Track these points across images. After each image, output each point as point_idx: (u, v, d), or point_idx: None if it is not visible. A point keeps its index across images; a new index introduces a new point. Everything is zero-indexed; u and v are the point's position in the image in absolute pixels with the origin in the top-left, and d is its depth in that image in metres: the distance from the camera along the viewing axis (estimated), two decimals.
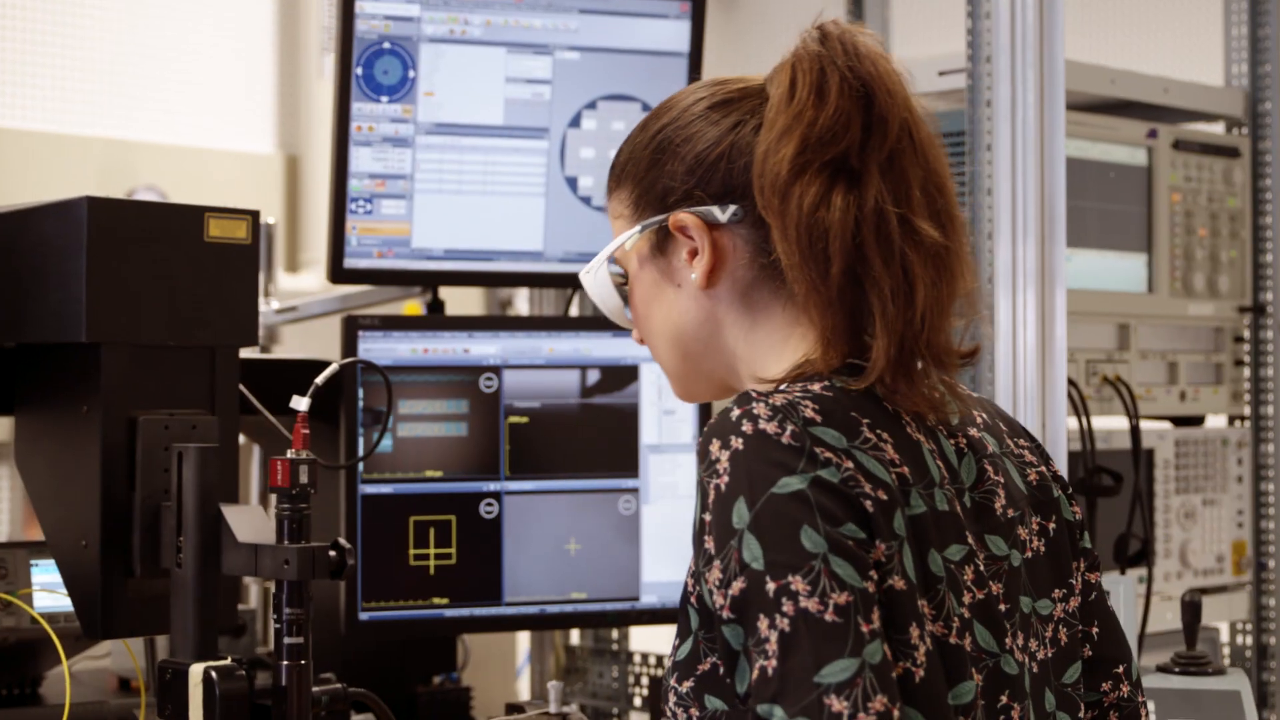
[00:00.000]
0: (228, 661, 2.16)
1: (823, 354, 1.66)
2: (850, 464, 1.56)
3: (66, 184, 2.25)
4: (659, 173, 1.76)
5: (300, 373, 2.85)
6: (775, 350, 1.71)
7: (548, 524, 2.81)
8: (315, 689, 2.20)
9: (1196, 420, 3.09)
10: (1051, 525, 1.76)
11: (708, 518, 1.56)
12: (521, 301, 5.72)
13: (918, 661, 1.55)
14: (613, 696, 3.18)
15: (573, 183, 2.89)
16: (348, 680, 2.21)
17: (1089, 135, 2.82)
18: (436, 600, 2.76)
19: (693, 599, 1.61)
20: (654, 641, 3.21)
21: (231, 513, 2.22)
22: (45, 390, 2.34)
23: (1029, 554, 1.72)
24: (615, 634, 3.19)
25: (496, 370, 2.79)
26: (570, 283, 2.97)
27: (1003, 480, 1.72)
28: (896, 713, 1.47)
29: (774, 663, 1.48)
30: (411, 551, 2.74)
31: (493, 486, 2.79)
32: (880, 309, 1.63)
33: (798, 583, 1.49)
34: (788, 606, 1.49)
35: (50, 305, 2.27)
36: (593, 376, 2.84)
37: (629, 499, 2.86)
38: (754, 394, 1.61)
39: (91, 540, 2.27)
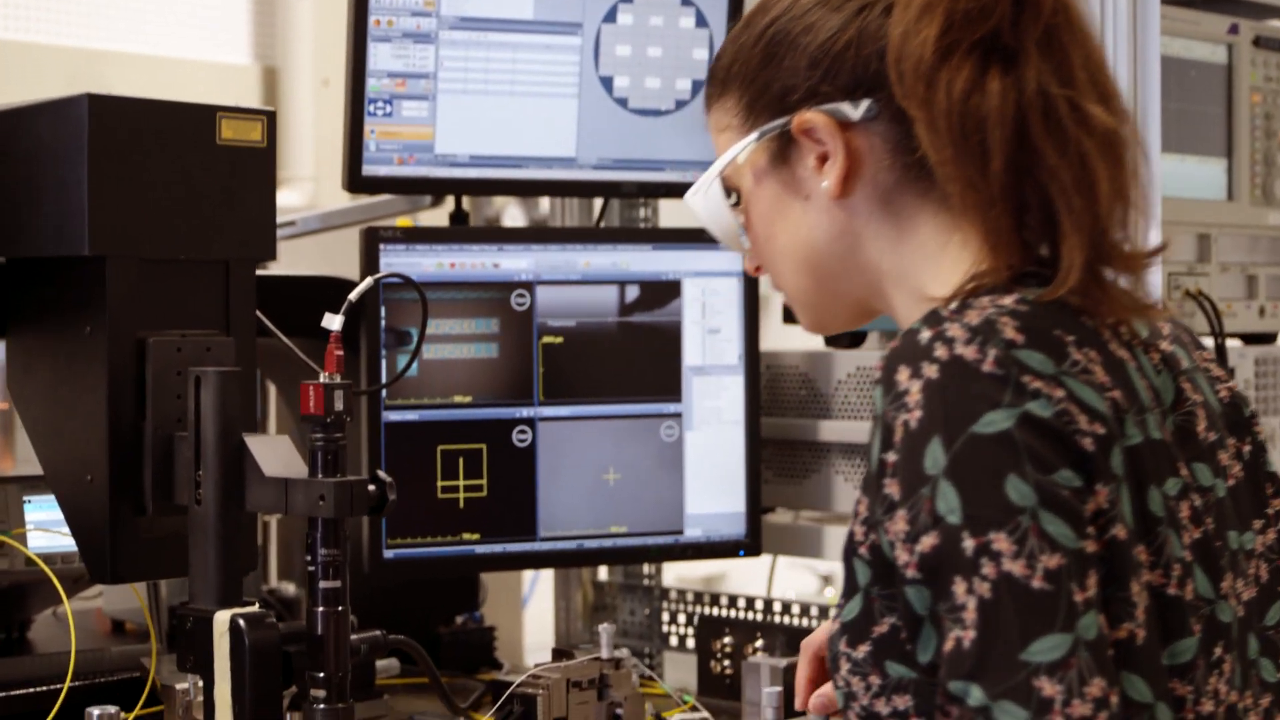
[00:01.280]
0: (256, 608, 1.98)
1: (992, 263, 1.47)
2: (1061, 393, 1.37)
3: (30, 95, 2.08)
4: (775, 71, 1.56)
5: (306, 290, 2.67)
6: (932, 262, 1.52)
7: (584, 453, 2.63)
8: (354, 637, 2.02)
9: (1270, 338, 2.92)
10: (1246, 448, 1.58)
11: (891, 458, 1.37)
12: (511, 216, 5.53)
13: (1138, 620, 1.37)
14: (644, 635, 3.00)
15: (608, 83, 2.69)
16: (363, 623, 2.03)
17: (1168, 30, 2.63)
18: (466, 536, 2.58)
19: (863, 550, 1.43)
20: (689, 576, 3.04)
21: (256, 444, 2.04)
22: (42, 309, 2.17)
23: (1231, 482, 1.54)
24: (647, 569, 3.02)
25: (529, 286, 2.60)
26: (603, 191, 2.78)
27: (1200, 399, 1.54)
28: (1115, 698, 1.29)
29: (972, 634, 1.30)
30: (439, 483, 2.56)
31: (525, 413, 2.60)
32: (1065, 204, 1.44)
33: (1001, 541, 1.31)
34: (988, 569, 1.31)
35: (48, 215, 2.11)
36: (632, 293, 2.66)
37: (671, 425, 2.68)
38: (944, 311, 1.42)
39: (98, 475, 2.10)
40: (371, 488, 1.99)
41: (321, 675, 1.99)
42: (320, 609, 2.00)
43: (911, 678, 1.41)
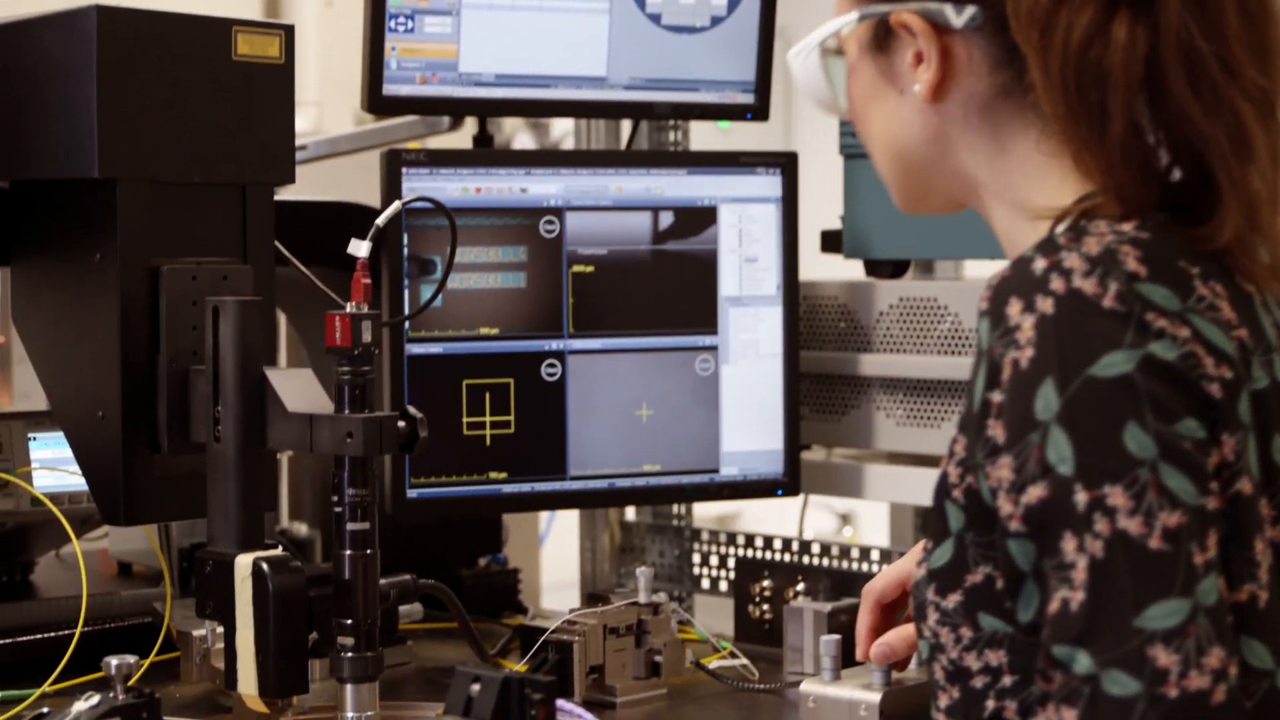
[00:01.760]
0: (279, 551, 1.88)
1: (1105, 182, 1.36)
2: (1186, 332, 1.27)
3: (35, 7, 1.96)
4: None
5: (322, 217, 2.56)
6: (1035, 179, 1.40)
7: (616, 387, 2.53)
8: (382, 581, 1.93)
9: None
10: None
11: (997, 398, 1.26)
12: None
13: (1261, 581, 1.27)
14: (673, 578, 2.91)
15: None
16: (382, 566, 1.93)
17: None
18: (493, 475, 2.48)
19: (957, 493, 1.33)
20: (704, 515, 2.94)
21: (278, 378, 1.94)
22: (49, 235, 2.09)
23: None
24: (677, 509, 2.92)
25: (558, 213, 2.49)
26: (635, 112, 2.66)
27: None
28: (1234, 669, 1.19)
29: (1081, 596, 1.21)
30: (465, 420, 2.45)
31: (555, 345, 2.50)
32: (1225, 172, 1.32)
33: (1117, 496, 1.21)
34: (1102, 525, 1.21)
35: (54, 136, 2.02)
36: (666, 219, 2.55)
37: (706, 358, 2.58)
38: (1060, 239, 1.31)
39: (110, 411, 2.01)
40: (401, 424, 1.90)
41: (349, 622, 1.90)
42: (348, 552, 1.90)
43: (1007, 632, 1.31)
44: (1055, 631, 1.21)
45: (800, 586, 2.45)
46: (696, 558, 2.88)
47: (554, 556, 3.72)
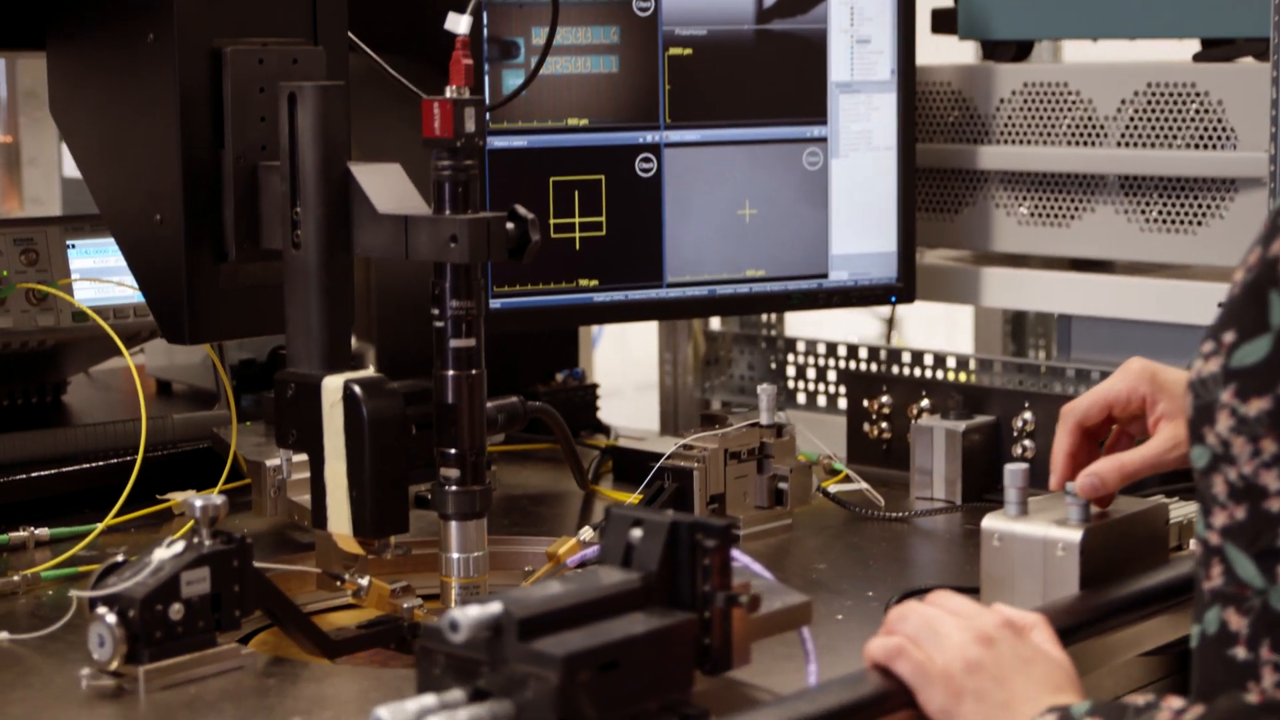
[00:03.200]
0: (371, 371, 1.67)
1: None
2: None
3: None
4: None
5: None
6: None
7: (717, 184, 2.31)
8: (490, 404, 1.72)
9: None
10: None
11: None
12: None
13: None
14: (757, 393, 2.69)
15: None
16: None
17: None
18: (583, 282, 2.26)
19: None
20: (813, 325, 2.73)
21: (365, 174, 1.72)
22: (93, 13, 1.88)
23: None
24: (766, 316, 2.70)
25: None
26: None
27: None
28: None
29: None
30: (551, 221, 2.23)
31: (650, 137, 2.27)
32: None
33: None
34: None
35: None
36: None
37: (815, 151, 2.35)
38: None
39: (169, 214, 1.81)
40: (509, 225, 1.67)
41: (453, 451, 1.69)
42: (450, 373, 1.69)
43: None
44: None
45: (925, 403, 2.25)
46: (791, 370, 2.67)
47: (602, 363, 3.51)
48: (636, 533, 1.34)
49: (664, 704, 1.29)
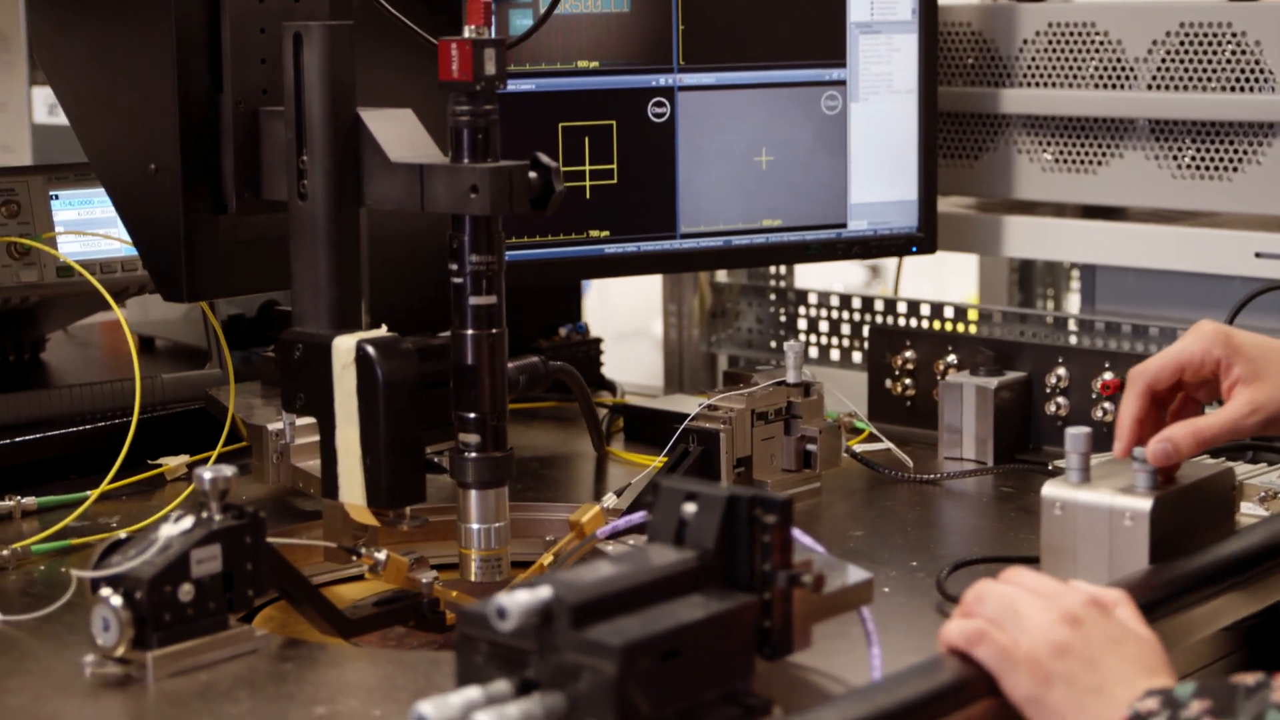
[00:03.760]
0: (384, 331, 1.57)
1: None
2: None
3: None
4: None
5: None
6: None
7: (733, 129, 2.21)
8: (511, 364, 1.62)
9: None
10: None
11: None
12: None
13: None
14: (766, 347, 2.59)
15: None
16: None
17: None
18: (594, 233, 2.16)
19: None
20: (823, 277, 2.63)
21: (375, 120, 1.61)
22: None
23: None
24: (775, 267, 2.60)
25: None
26: None
27: None
28: None
29: None
30: (561, 169, 2.11)
31: (663, 80, 2.17)
32: None
33: None
34: None
35: None
36: None
37: (834, 95, 2.25)
38: None
39: (165, 162, 1.72)
40: (532, 175, 1.57)
41: (473, 416, 1.59)
42: (470, 332, 1.59)
43: None
44: None
45: (952, 358, 2.16)
46: (803, 324, 2.57)
47: (593, 310, 3.40)
48: (690, 507, 1.24)
49: (724, 694, 1.20)
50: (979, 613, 1.26)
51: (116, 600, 1.35)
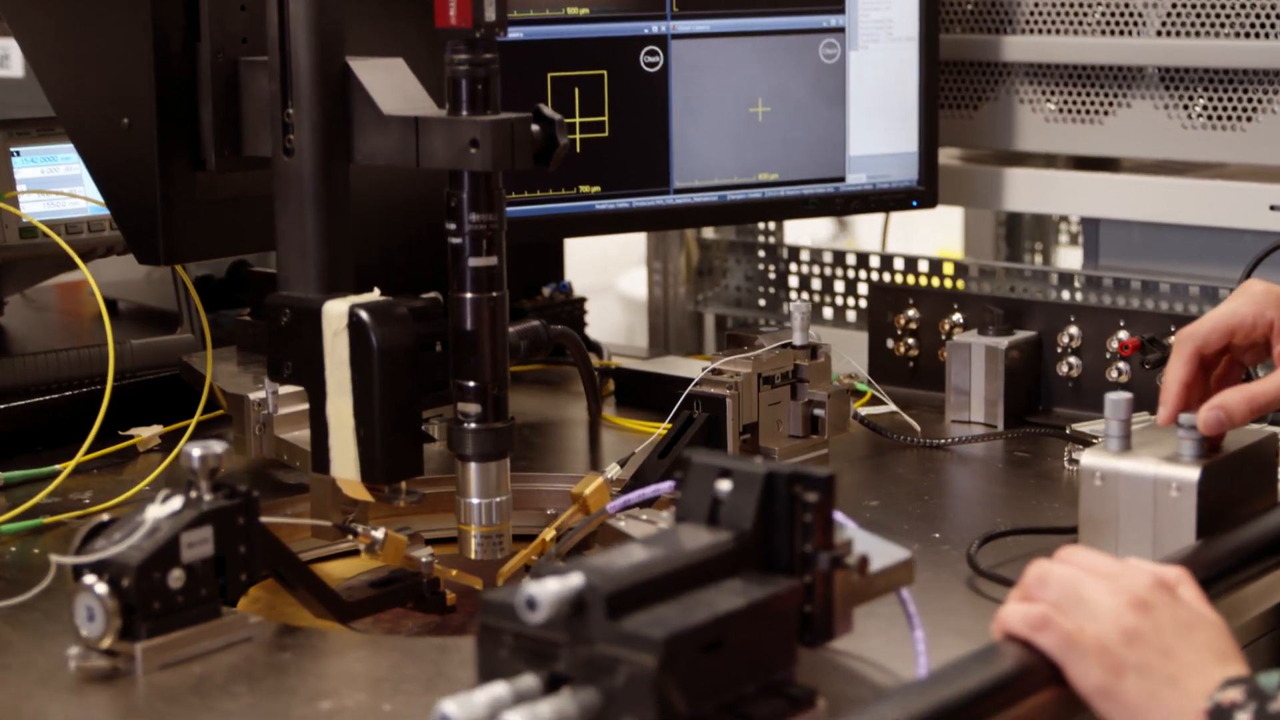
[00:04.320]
0: (377, 295, 1.48)
1: None
2: None
3: None
4: None
5: None
6: None
7: (728, 79, 2.12)
8: (512, 328, 1.54)
9: None
10: None
11: None
12: None
13: None
14: (761, 306, 2.51)
15: None
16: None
17: None
18: (584, 189, 2.07)
19: None
20: (791, 230, 2.54)
21: (365, 70, 1.52)
22: None
23: None
24: (764, 224, 2.51)
25: None
26: None
27: None
28: None
29: None
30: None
31: (656, 28, 2.08)
32: None
33: None
34: None
35: None
36: None
37: (832, 43, 2.17)
38: None
39: (138, 117, 1.64)
40: (535, 128, 1.48)
41: (473, 385, 1.50)
42: (469, 295, 1.50)
43: None
44: None
45: (958, 317, 2.08)
46: (794, 281, 2.48)
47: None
48: (724, 485, 1.16)
49: (765, 685, 1.12)
50: (1041, 597, 1.18)
51: (102, 588, 1.26)
